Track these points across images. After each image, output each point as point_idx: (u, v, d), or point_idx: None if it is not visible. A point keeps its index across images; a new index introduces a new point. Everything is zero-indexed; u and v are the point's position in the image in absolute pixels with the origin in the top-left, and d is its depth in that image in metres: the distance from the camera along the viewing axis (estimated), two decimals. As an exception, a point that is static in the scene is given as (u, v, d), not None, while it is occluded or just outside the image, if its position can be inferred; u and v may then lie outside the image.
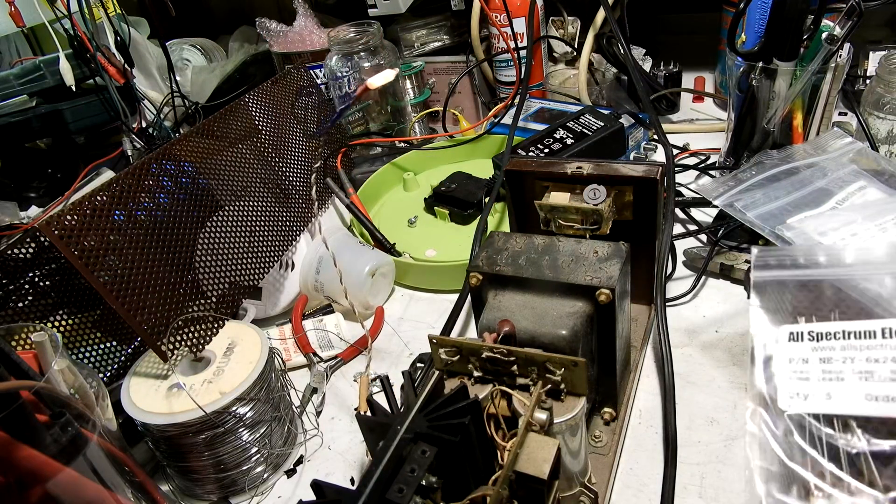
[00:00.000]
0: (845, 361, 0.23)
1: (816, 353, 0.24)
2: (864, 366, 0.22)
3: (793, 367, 0.24)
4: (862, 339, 0.23)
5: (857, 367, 0.22)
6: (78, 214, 0.50)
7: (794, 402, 0.24)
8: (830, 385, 0.23)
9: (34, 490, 0.33)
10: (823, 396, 0.23)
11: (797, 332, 0.25)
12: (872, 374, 0.22)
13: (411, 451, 0.34)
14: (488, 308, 0.46)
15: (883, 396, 0.22)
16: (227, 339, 0.55)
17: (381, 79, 0.84)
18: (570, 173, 0.53)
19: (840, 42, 0.62)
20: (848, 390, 0.22)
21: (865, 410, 0.22)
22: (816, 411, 0.23)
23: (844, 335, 0.23)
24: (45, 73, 0.92)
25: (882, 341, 0.22)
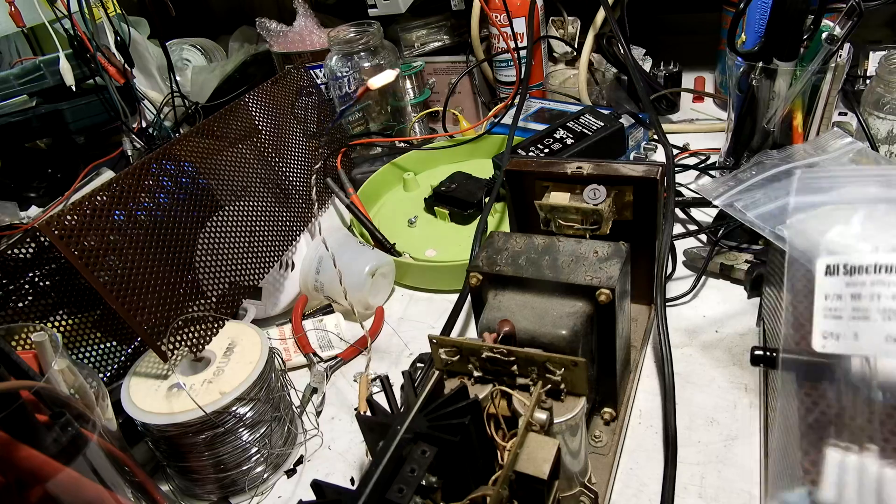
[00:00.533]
0: (872, 298, 0.21)
1: (849, 288, 0.22)
2: (890, 304, 0.21)
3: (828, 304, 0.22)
4: (892, 273, 0.21)
5: (882, 304, 0.21)
6: (78, 214, 0.50)
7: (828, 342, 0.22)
8: (858, 324, 0.21)
9: (34, 490, 0.33)
10: (852, 336, 0.21)
11: (834, 264, 0.22)
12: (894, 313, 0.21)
13: (411, 451, 0.34)
14: (488, 308, 0.46)
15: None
16: (227, 339, 0.55)
17: (382, 79, 0.84)
18: (570, 173, 0.53)
19: (840, 42, 0.62)
20: (871, 330, 0.21)
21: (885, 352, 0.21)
22: (847, 352, 0.22)
23: (876, 269, 0.21)
24: (45, 73, 0.92)
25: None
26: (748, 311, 0.61)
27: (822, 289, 0.23)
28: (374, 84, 0.84)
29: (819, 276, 0.23)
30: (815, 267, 0.23)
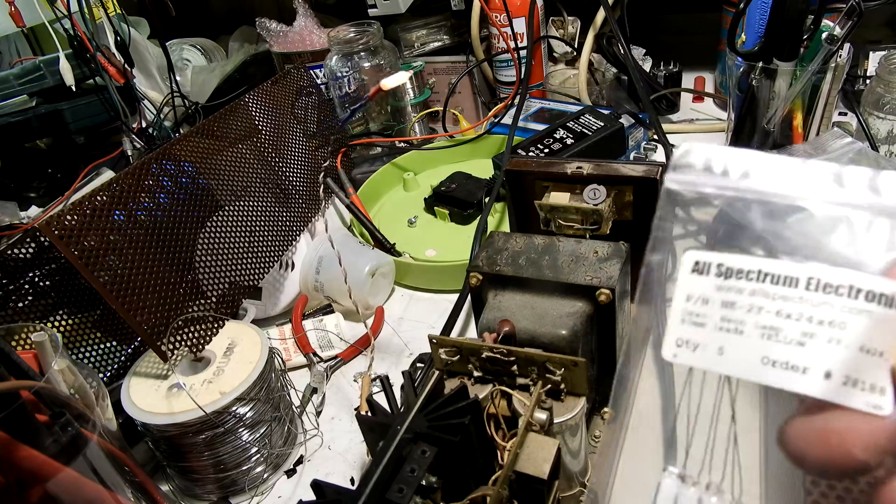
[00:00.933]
0: (751, 310, 0.18)
1: (721, 293, 0.19)
2: (772, 320, 0.18)
3: (689, 306, 0.19)
4: (779, 285, 0.18)
5: (762, 319, 0.18)
6: (78, 214, 0.50)
7: (682, 351, 0.19)
8: (726, 337, 0.18)
9: (34, 490, 0.33)
10: (715, 350, 0.18)
11: (705, 262, 0.19)
12: (778, 332, 0.18)
13: (411, 451, 0.34)
14: (488, 308, 0.46)
15: (783, 363, 0.17)
16: (227, 339, 0.55)
17: (395, 80, 0.84)
18: (570, 173, 0.52)
19: (840, 42, 0.62)
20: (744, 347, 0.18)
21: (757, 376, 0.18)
22: (704, 367, 0.19)
23: (759, 276, 0.18)
24: (45, 73, 0.92)
25: (803, 293, 0.17)
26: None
27: (686, 288, 0.19)
28: (386, 85, 0.84)
29: (684, 272, 0.19)
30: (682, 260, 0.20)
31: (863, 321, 0.17)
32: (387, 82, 0.83)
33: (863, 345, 0.17)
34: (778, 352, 0.18)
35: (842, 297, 0.17)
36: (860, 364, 0.17)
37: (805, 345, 0.17)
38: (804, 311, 0.17)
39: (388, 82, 0.83)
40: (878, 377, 0.17)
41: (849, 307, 0.17)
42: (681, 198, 0.20)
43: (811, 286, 0.17)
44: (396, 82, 0.84)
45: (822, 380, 0.17)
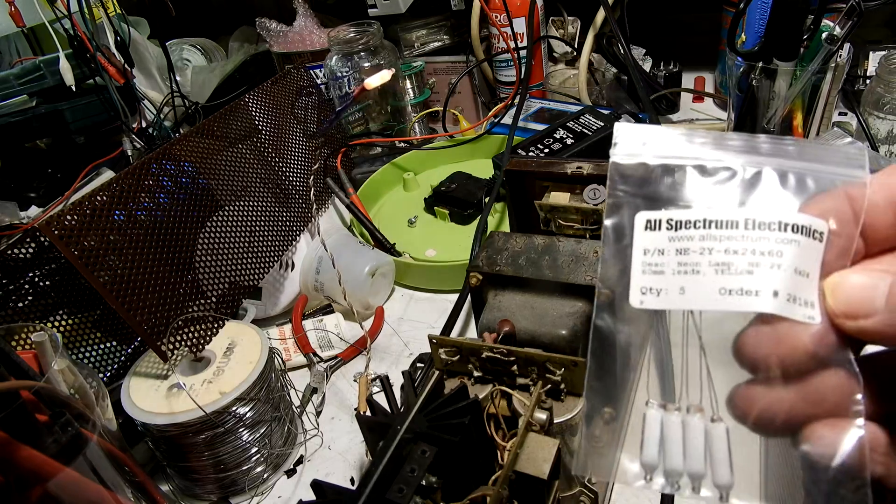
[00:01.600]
0: (703, 253, 0.21)
1: (674, 243, 0.22)
2: (723, 257, 0.21)
3: (647, 259, 0.22)
4: (723, 228, 0.21)
5: (714, 258, 0.21)
6: (78, 214, 0.50)
7: (647, 297, 0.22)
8: (685, 279, 0.21)
9: (34, 490, 0.33)
10: (677, 291, 0.21)
11: (655, 220, 0.22)
12: (729, 266, 0.21)
13: (411, 451, 0.34)
14: (488, 308, 0.46)
15: (737, 290, 0.21)
16: (227, 339, 0.55)
17: (378, 79, 0.84)
18: (570, 173, 0.53)
19: (840, 42, 0.62)
20: (702, 284, 0.21)
21: (718, 305, 0.21)
22: (670, 307, 0.22)
23: (705, 224, 0.21)
24: (45, 73, 0.92)
25: (744, 232, 0.21)
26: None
27: (642, 244, 0.22)
28: (370, 84, 0.83)
29: (638, 231, 0.22)
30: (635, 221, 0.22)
31: (793, 249, 0.21)
32: (370, 81, 0.83)
33: (796, 268, 0.20)
34: (732, 282, 0.21)
35: (774, 231, 0.21)
36: (797, 284, 0.20)
37: (753, 273, 0.21)
38: (747, 246, 0.21)
39: (372, 81, 0.83)
40: (810, 294, 0.20)
41: (781, 239, 0.21)
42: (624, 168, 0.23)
43: (749, 226, 0.21)
44: (379, 81, 0.84)
45: (772, 299, 0.20)
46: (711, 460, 0.23)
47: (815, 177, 0.22)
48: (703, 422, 0.23)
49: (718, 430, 0.23)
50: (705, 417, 0.23)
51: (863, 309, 0.20)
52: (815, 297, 0.21)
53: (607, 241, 0.23)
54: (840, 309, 0.20)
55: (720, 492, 0.23)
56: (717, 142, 0.23)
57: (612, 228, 0.23)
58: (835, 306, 0.20)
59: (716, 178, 0.22)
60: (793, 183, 0.22)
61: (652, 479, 0.23)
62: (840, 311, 0.20)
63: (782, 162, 0.22)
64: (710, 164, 0.22)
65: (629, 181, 0.23)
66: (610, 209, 0.23)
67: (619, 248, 0.23)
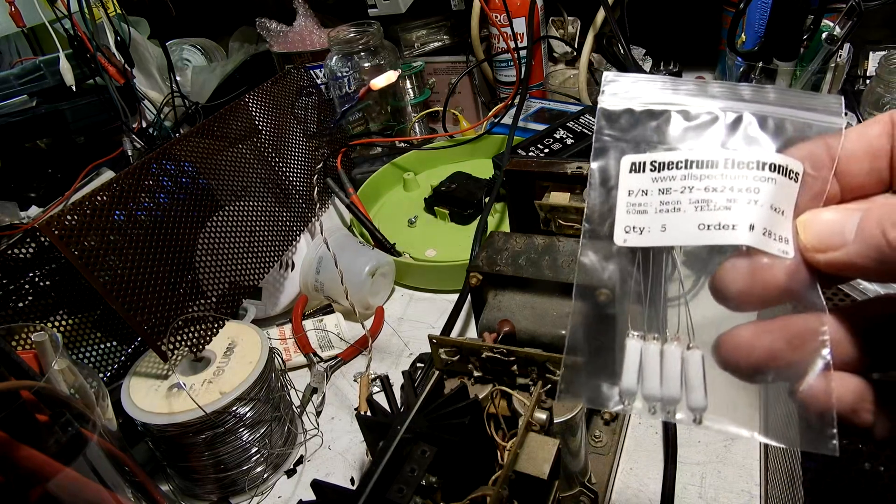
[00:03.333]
0: (684, 191, 0.22)
1: (657, 184, 0.23)
2: (702, 195, 0.22)
3: (631, 199, 0.23)
4: (703, 168, 0.22)
5: (694, 196, 0.22)
6: (78, 214, 0.50)
7: (630, 236, 0.23)
8: (667, 217, 0.22)
9: (34, 490, 0.33)
10: (659, 229, 0.22)
11: (639, 162, 0.23)
12: (709, 203, 0.22)
13: (411, 451, 0.34)
14: (488, 308, 0.46)
15: (715, 225, 0.21)
16: (227, 339, 0.55)
17: (384, 79, 0.84)
18: (570, 173, 0.52)
19: (840, 42, 0.62)
20: (683, 220, 0.22)
21: (697, 240, 0.22)
22: (651, 244, 0.22)
23: (687, 164, 0.22)
24: (45, 73, 0.92)
25: (723, 171, 0.22)
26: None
27: (626, 185, 0.23)
28: (376, 84, 0.84)
29: (623, 173, 0.23)
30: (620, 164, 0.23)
31: (770, 186, 0.21)
32: (376, 82, 0.83)
33: (772, 204, 0.21)
34: (711, 217, 0.22)
35: (752, 169, 0.22)
36: (772, 220, 0.21)
37: (731, 209, 0.21)
38: (725, 183, 0.22)
39: (378, 81, 0.83)
40: (784, 230, 0.21)
41: (759, 177, 0.22)
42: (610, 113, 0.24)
43: (728, 165, 0.22)
44: (385, 81, 0.84)
45: (748, 232, 0.21)
46: (687, 385, 0.24)
47: (794, 122, 0.22)
48: (680, 349, 0.24)
49: (694, 357, 0.24)
50: (682, 345, 0.24)
51: (833, 242, 0.20)
52: (789, 233, 0.21)
53: (593, 184, 0.24)
54: (811, 243, 0.21)
55: (694, 415, 0.23)
56: (701, 89, 0.24)
57: (598, 171, 0.24)
58: (806, 241, 0.21)
59: (698, 121, 0.23)
60: (772, 127, 0.23)
61: (630, 405, 0.24)
62: (811, 245, 0.21)
63: (763, 108, 0.23)
64: (694, 110, 0.23)
65: (615, 126, 0.24)
66: (596, 153, 0.24)
67: (604, 191, 0.24)
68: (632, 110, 0.24)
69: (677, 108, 0.23)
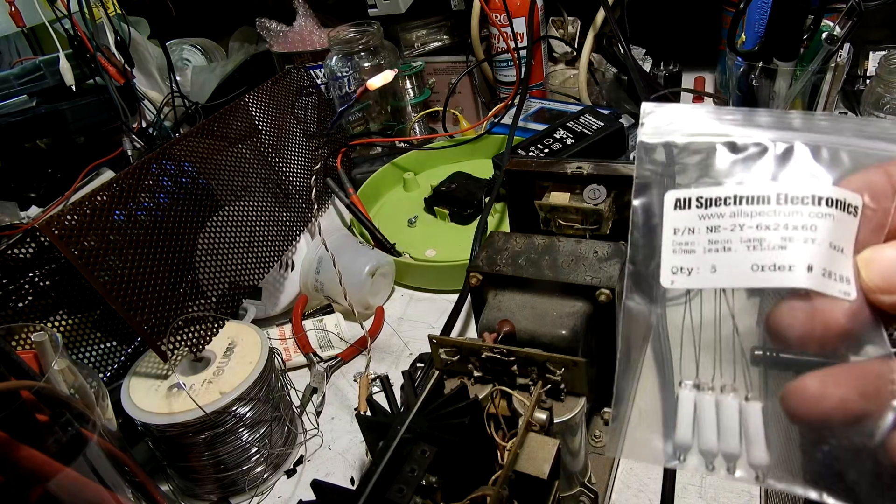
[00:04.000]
0: (734, 229, 0.21)
1: (704, 221, 0.21)
2: (754, 233, 0.20)
3: (677, 238, 0.22)
4: (754, 204, 0.21)
5: (746, 234, 0.20)
6: (78, 214, 0.50)
7: (678, 277, 0.22)
8: (716, 256, 0.21)
9: (34, 490, 0.33)
10: (708, 269, 0.21)
11: (684, 198, 0.22)
12: (762, 242, 0.20)
13: (411, 451, 0.34)
14: (488, 308, 0.46)
15: (770, 266, 0.20)
16: (227, 339, 0.55)
17: (381, 79, 0.84)
18: (570, 173, 0.52)
19: (840, 42, 0.62)
20: (734, 261, 0.21)
21: (751, 282, 0.20)
22: (701, 286, 0.21)
23: (736, 200, 0.21)
24: (45, 73, 0.92)
25: (775, 207, 0.20)
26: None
27: (672, 223, 0.22)
28: (372, 84, 0.84)
29: (668, 210, 0.22)
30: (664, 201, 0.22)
31: (827, 223, 0.20)
32: (373, 82, 0.83)
33: (831, 242, 0.20)
34: (764, 258, 0.20)
35: (807, 205, 0.20)
36: (831, 259, 0.20)
37: (786, 248, 0.20)
38: (779, 221, 0.20)
39: (374, 82, 0.83)
40: (845, 269, 0.20)
41: (815, 212, 0.20)
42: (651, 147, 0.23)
43: (781, 200, 0.21)
44: (382, 81, 0.84)
45: (806, 274, 0.20)
46: (746, 440, 0.22)
47: (850, 151, 0.21)
48: (738, 401, 0.23)
49: (753, 409, 0.22)
50: (739, 396, 0.23)
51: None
52: (850, 272, 0.20)
53: (636, 222, 0.23)
54: (874, 283, 0.20)
55: (756, 472, 0.22)
56: (747, 118, 0.22)
57: (640, 208, 0.23)
58: (868, 280, 0.20)
59: (746, 154, 0.22)
60: (826, 157, 0.21)
61: (685, 460, 0.23)
62: (874, 286, 0.20)
63: (815, 136, 0.21)
64: (740, 141, 0.22)
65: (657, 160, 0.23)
66: (638, 189, 0.23)
67: (647, 229, 0.22)
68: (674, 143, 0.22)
69: (722, 140, 0.22)
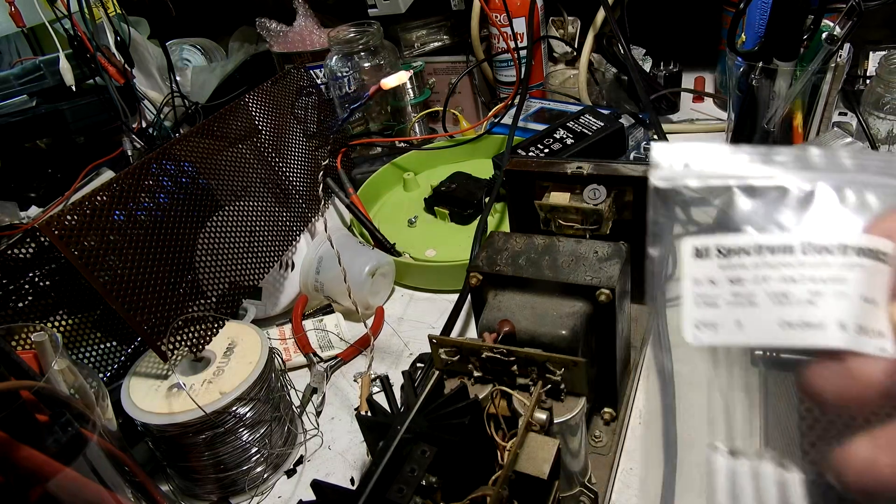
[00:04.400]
0: (758, 282, 0.19)
1: (725, 272, 0.20)
2: (780, 286, 0.19)
3: (698, 290, 0.20)
4: (778, 254, 0.19)
5: (771, 287, 0.19)
6: (78, 214, 0.50)
7: (703, 333, 0.20)
8: (741, 311, 0.19)
9: (34, 490, 0.33)
10: (734, 325, 0.19)
11: (703, 246, 0.20)
12: (788, 296, 0.19)
13: (411, 451, 0.34)
14: (488, 308, 0.46)
15: (799, 323, 0.19)
16: (227, 339, 0.55)
17: (396, 79, 0.84)
18: (570, 173, 0.53)
19: (840, 42, 0.62)
20: (760, 316, 0.19)
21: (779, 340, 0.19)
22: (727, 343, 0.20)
23: (758, 250, 0.19)
24: (45, 73, 0.92)
25: (801, 258, 0.19)
26: None
27: (692, 273, 0.20)
28: (387, 84, 0.83)
29: (687, 259, 0.20)
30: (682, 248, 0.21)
31: (858, 274, 0.19)
32: (387, 81, 0.83)
33: (863, 295, 0.19)
34: (793, 314, 0.19)
35: (835, 255, 0.19)
36: (865, 313, 0.18)
37: (815, 303, 0.19)
38: (806, 272, 0.19)
39: (389, 81, 0.83)
40: (880, 322, 0.18)
41: (844, 263, 0.19)
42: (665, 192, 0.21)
43: (807, 250, 0.19)
44: (397, 81, 0.84)
45: (839, 332, 0.18)
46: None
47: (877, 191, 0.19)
48: (776, 471, 0.21)
49: (793, 481, 0.21)
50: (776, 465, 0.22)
51: None
52: (885, 325, 0.18)
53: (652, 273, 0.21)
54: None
55: None
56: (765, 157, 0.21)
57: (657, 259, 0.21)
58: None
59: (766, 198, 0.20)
60: (852, 199, 0.19)
61: None
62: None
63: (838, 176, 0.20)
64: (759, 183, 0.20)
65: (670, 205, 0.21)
66: (653, 238, 0.21)
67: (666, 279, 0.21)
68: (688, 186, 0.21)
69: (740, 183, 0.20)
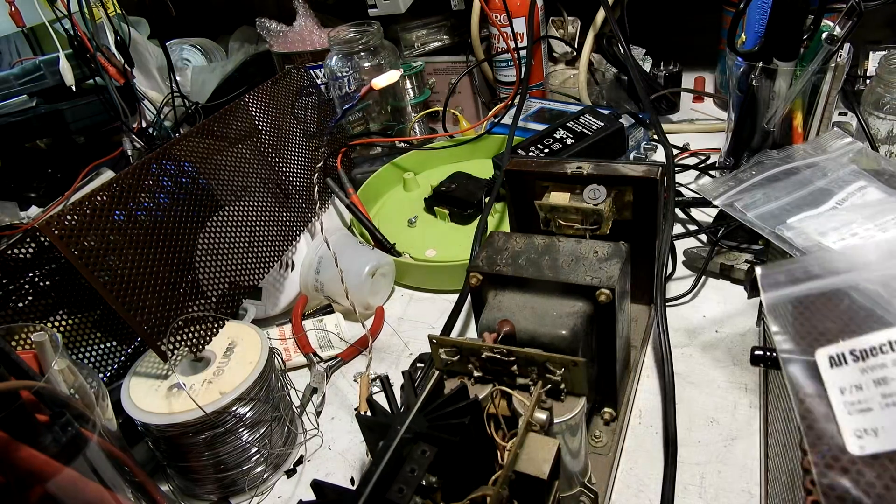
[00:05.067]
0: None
1: (868, 375, 0.19)
2: None
3: (846, 398, 0.19)
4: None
5: None
6: (78, 214, 0.50)
7: (866, 441, 0.19)
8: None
9: (34, 490, 0.33)
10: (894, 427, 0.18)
11: (837, 354, 0.20)
12: None
13: (411, 451, 0.34)
14: (488, 308, 0.46)
15: None
16: (227, 339, 0.55)
17: (386, 79, 0.84)
18: (570, 173, 0.53)
19: (840, 42, 0.62)
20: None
21: None
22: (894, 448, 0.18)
23: (892, 346, 0.19)
24: (45, 73, 0.92)
25: None
26: (748, 311, 0.61)
27: (834, 383, 0.20)
28: (377, 84, 0.83)
29: (824, 370, 0.20)
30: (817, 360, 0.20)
31: None
32: (378, 81, 0.83)
33: None
34: None
35: None
36: None
37: None
38: None
39: (379, 81, 0.83)
40: None
41: None
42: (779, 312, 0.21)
43: None
44: (387, 81, 0.84)
45: None
46: None
47: None
48: None
49: None
50: None
51: None
52: None
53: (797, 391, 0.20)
54: None
55: None
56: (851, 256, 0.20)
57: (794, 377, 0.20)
58: None
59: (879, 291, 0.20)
60: None
61: None
62: None
63: None
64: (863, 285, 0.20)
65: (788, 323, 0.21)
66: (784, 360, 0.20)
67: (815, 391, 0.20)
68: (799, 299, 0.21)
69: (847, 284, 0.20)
